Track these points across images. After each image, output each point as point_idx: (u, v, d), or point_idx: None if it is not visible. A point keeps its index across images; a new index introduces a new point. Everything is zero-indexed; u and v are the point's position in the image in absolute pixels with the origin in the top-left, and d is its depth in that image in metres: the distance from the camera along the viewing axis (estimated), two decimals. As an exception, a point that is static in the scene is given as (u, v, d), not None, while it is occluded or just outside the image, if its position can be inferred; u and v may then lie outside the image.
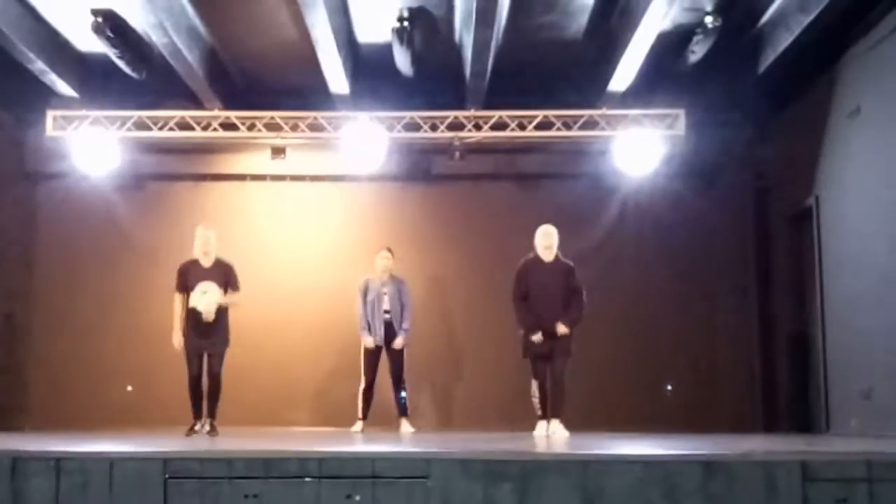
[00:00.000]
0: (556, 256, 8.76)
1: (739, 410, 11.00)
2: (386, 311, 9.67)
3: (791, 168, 10.67)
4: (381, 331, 9.66)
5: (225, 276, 8.65)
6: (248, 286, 11.34)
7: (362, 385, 9.63)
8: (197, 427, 8.45)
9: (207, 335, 8.51)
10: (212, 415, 8.55)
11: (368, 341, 9.58)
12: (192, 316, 8.46)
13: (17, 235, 11.42)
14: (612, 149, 10.85)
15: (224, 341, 8.67)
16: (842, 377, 9.42)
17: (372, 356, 9.66)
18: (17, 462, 5.44)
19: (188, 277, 8.57)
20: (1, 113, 11.09)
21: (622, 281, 11.21)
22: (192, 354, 8.54)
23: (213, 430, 8.43)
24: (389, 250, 9.87)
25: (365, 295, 9.74)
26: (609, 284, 11.16)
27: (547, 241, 8.72)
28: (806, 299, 10.51)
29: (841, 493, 5.26)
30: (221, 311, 8.58)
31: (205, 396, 8.55)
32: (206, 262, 8.63)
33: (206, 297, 8.40)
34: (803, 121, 10.29)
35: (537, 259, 8.75)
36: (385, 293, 9.71)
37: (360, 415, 9.61)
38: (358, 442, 7.24)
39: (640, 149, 10.69)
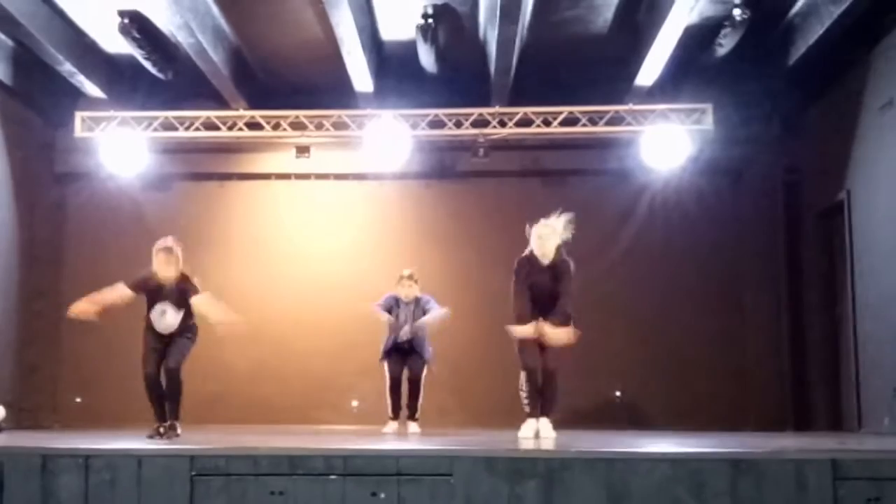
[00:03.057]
0: (557, 254, 7.73)
1: (770, 408, 10.93)
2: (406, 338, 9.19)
3: (822, 162, 10.58)
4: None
5: (182, 292, 7.56)
6: (274, 284, 11.48)
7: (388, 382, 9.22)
8: (161, 430, 7.37)
9: (168, 339, 7.55)
10: (174, 416, 7.46)
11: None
12: (152, 331, 7.56)
13: (47, 235, 11.53)
14: (639, 144, 10.79)
15: (189, 334, 7.62)
16: (874, 375, 9.32)
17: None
18: (47, 459, 5.50)
19: (147, 287, 7.61)
20: (30, 114, 11.19)
21: (650, 277, 11.17)
22: (149, 351, 7.54)
23: (171, 431, 7.36)
24: (412, 277, 9.32)
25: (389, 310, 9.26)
26: (637, 281, 11.15)
27: (544, 248, 7.68)
28: (837, 295, 10.42)
29: (873, 491, 5.22)
30: (185, 326, 7.60)
31: (166, 395, 7.51)
32: (167, 283, 7.59)
33: (164, 318, 7.48)
34: (834, 114, 10.20)
35: (533, 258, 7.76)
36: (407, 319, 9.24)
37: (390, 414, 9.20)
38: (382, 440, 7.25)
39: (667, 144, 10.62)
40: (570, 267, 7.74)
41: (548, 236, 7.65)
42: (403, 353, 9.19)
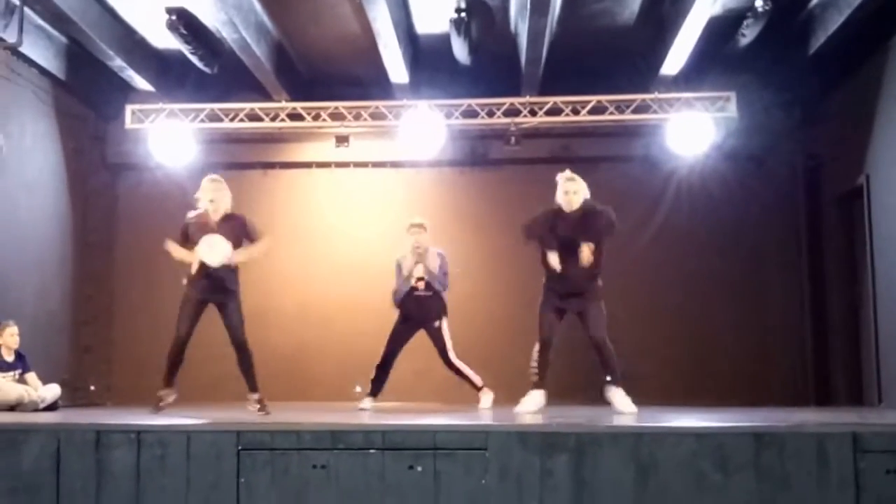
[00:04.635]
0: (582, 205, 7.62)
1: (792, 384, 10.88)
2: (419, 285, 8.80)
3: (841, 148, 10.46)
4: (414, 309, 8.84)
5: (235, 229, 7.36)
6: (315, 268, 11.53)
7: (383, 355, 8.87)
8: (169, 398, 7.35)
9: (215, 288, 7.28)
10: (253, 388, 7.31)
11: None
12: (199, 267, 7.25)
13: (100, 223, 11.64)
14: (665, 132, 10.72)
15: (233, 295, 7.32)
16: (894, 351, 9.24)
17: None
18: (101, 435, 5.55)
19: (191, 231, 7.37)
20: (83, 108, 11.28)
21: (675, 259, 11.12)
22: (186, 313, 7.28)
23: (262, 407, 7.20)
24: (422, 226, 8.99)
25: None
26: (662, 263, 11.09)
27: (570, 187, 7.58)
28: (857, 275, 10.32)
29: (892, 464, 5.17)
30: (232, 270, 7.36)
31: (240, 370, 7.35)
32: (214, 216, 7.42)
33: (214, 250, 7.16)
34: (854, 101, 10.08)
35: (560, 211, 7.64)
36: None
37: (369, 388, 8.85)
38: (419, 416, 7.26)
39: (692, 131, 10.55)
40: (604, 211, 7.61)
41: (575, 191, 7.61)
42: (417, 312, 8.82)
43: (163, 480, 5.44)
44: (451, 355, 8.84)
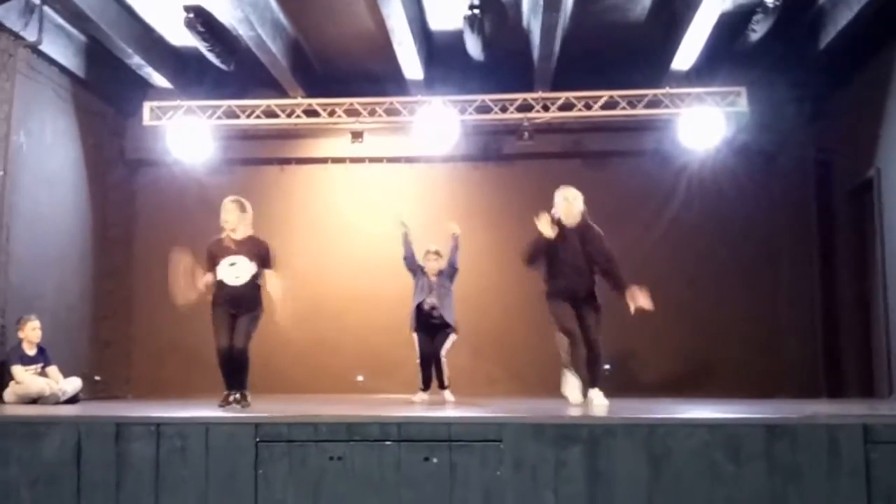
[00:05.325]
0: (582, 219, 7.69)
1: (803, 377, 10.81)
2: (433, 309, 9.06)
3: (852, 142, 10.41)
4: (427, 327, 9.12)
5: (257, 251, 7.38)
6: (331, 262, 11.54)
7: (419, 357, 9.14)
8: (231, 398, 7.23)
9: (237, 304, 7.28)
10: (242, 387, 7.29)
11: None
12: (220, 288, 7.31)
13: (118, 218, 11.66)
14: (676, 126, 10.68)
15: (254, 313, 7.35)
16: (904, 344, 9.21)
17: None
18: (121, 427, 5.57)
19: (216, 256, 7.39)
20: (103, 105, 11.31)
21: (687, 253, 11.08)
22: (220, 324, 7.28)
23: (243, 401, 7.19)
24: (437, 253, 9.22)
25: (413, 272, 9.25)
26: (674, 256, 11.05)
27: (570, 209, 7.66)
28: (868, 268, 10.27)
29: (903, 455, 5.14)
30: (254, 285, 7.36)
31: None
32: (235, 237, 7.41)
33: (233, 269, 7.26)
34: (864, 95, 10.02)
35: (560, 223, 7.66)
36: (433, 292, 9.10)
37: (420, 385, 9.12)
38: (434, 408, 7.25)
39: (703, 126, 10.51)
40: (600, 231, 7.68)
41: (574, 198, 7.68)
42: (433, 329, 9.08)
43: (182, 472, 5.45)
44: (443, 353, 9.08)
